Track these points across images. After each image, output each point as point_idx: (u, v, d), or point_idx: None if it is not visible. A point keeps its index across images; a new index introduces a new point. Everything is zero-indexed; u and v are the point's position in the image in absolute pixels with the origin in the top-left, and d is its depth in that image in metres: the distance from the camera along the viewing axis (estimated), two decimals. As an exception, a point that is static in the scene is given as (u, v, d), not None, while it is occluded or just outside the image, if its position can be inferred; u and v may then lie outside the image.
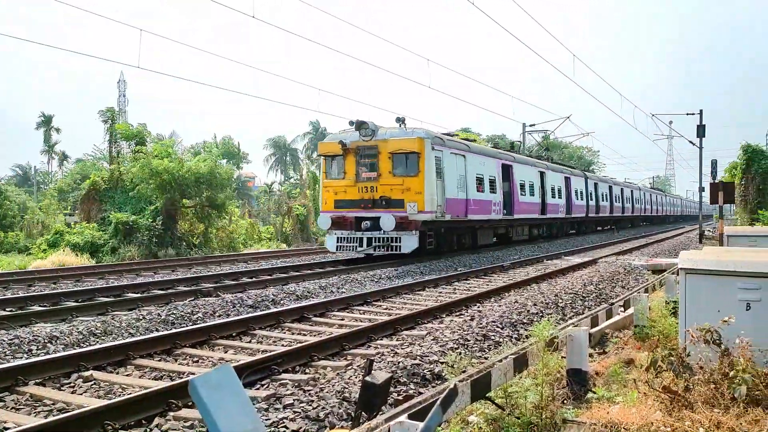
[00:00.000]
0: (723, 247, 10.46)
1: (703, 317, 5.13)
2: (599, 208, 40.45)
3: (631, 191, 53.21)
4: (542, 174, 30.01)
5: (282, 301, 12.22)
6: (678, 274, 5.76)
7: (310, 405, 5.72)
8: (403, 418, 3.44)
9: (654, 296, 10.80)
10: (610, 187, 44.58)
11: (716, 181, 25.73)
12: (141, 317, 10.15)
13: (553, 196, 31.16)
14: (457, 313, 10.97)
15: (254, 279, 15.81)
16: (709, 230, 39.68)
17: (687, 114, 37.02)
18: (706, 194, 27.19)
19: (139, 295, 12.97)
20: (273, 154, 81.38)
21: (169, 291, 13.47)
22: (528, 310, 10.73)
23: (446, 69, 64.40)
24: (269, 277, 15.98)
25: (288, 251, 27.05)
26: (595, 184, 40.27)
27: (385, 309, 11.63)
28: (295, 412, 5.56)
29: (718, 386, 4.51)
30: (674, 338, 6.70)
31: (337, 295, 12.93)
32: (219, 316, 10.67)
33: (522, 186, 27.05)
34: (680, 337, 5.49)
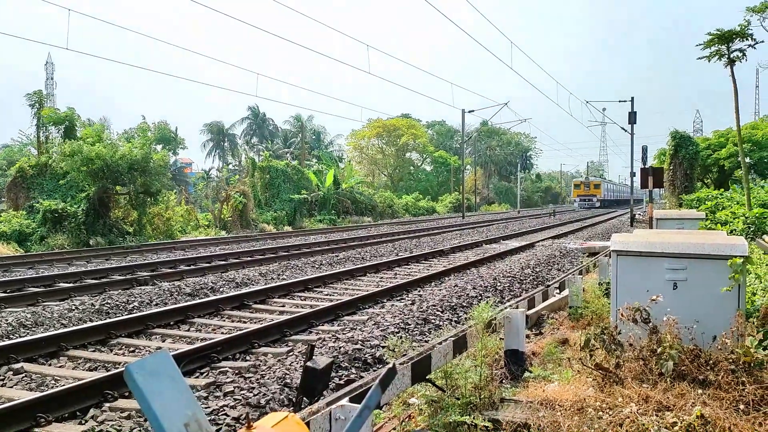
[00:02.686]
0: (652, 230, 10.92)
1: (634, 297, 5.34)
2: (614, 195, 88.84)
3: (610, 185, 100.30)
4: (613, 185, 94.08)
5: (221, 289, 12.03)
6: (610, 257, 5.98)
7: (251, 392, 5.66)
8: (345, 401, 3.45)
9: (588, 278, 11.19)
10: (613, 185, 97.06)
11: (646, 167, 26.79)
12: (74, 307, 9.79)
13: (610, 192, 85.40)
14: (398, 298, 11.07)
15: (192, 267, 15.46)
16: (639, 214, 41.41)
17: (619, 101, 38.39)
18: (638, 179, 28.28)
19: (71, 284, 12.48)
20: (210, 140, 79.54)
21: (103, 280, 13.02)
22: (467, 294, 10.93)
23: (385, 55, 64.31)
24: (208, 265, 15.66)
25: (227, 238, 26.57)
26: (613, 186, 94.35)
27: (327, 295, 11.62)
28: (235, 399, 5.50)
29: (647, 362, 4.71)
30: (607, 318, 6.96)
31: (278, 281, 12.81)
32: (156, 304, 10.40)
33: (611, 191, 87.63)
34: (612, 316, 5.70)
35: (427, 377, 4.75)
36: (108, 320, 8.59)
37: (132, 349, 7.73)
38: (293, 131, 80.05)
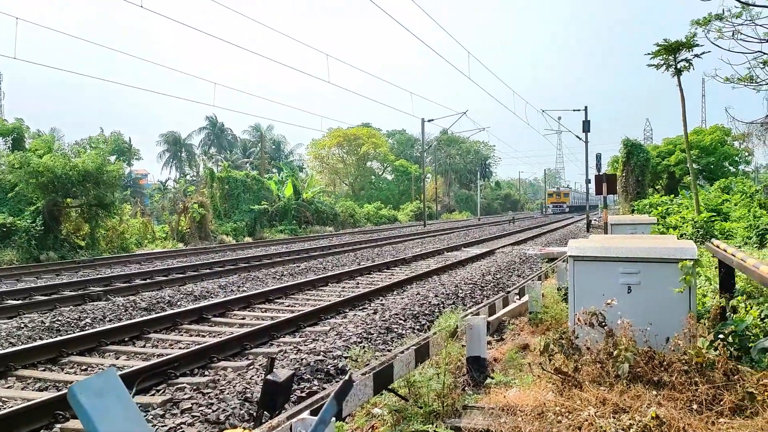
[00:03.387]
0: (607, 235, 11.14)
1: (591, 301, 5.44)
2: (579, 202, 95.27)
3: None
4: (578, 194, 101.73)
5: (179, 302, 11.78)
6: (567, 262, 6.07)
7: (210, 408, 5.54)
8: (305, 414, 3.40)
9: (547, 283, 11.35)
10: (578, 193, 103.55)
11: (600, 174, 27.43)
12: (23, 325, 9.45)
13: (575, 199, 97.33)
14: (361, 308, 11.02)
15: (148, 280, 15.10)
16: (595, 220, 42.38)
17: (574, 110, 39.20)
18: (593, 186, 28.91)
19: (20, 301, 12.03)
20: (167, 150, 78.13)
21: (54, 296, 12.58)
22: (429, 302, 10.96)
23: (346, 65, 64.45)
24: (165, 278, 15.33)
25: (185, 250, 26.08)
26: (578, 194, 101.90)
27: (288, 306, 11.49)
28: (193, 416, 5.37)
29: (604, 365, 4.79)
30: (565, 322, 7.06)
31: (238, 293, 12.62)
32: (110, 320, 10.12)
33: (577, 198, 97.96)
34: (570, 320, 5.78)
35: (389, 387, 4.73)
36: (59, 338, 8.30)
37: (84, 367, 7.48)
38: (252, 141, 79.38)
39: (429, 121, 49.22)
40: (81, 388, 1.43)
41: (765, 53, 15.22)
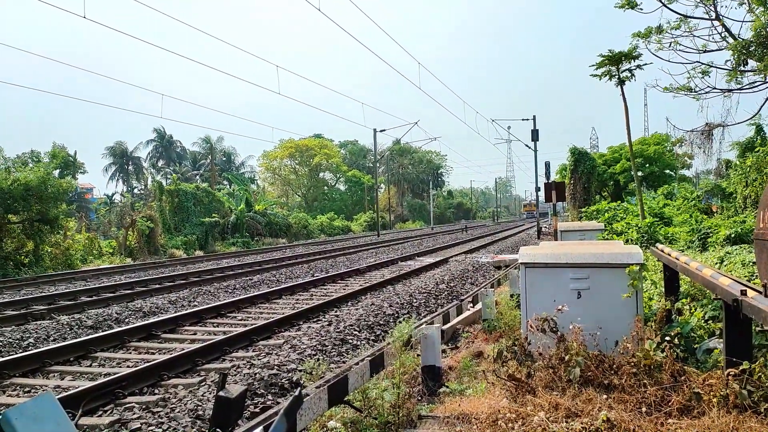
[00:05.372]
0: (557, 242, 11.38)
1: (543, 307, 5.52)
2: (542, 209, 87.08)
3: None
4: (536, 204, 74.11)
5: (127, 320, 11.43)
6: (519, 269, 6.16)
7: (160, 427, 5.38)
8: (259, 430, 3.33)
9: (500, 291, 11.51)
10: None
11: (549, 182, 28.03)
12: (-42, 348, 8.97)
13: (542, 207, 78.26)
14: (315, 320, 10.92)
15: (95, 297, 14.60)
16: (545, 227, 43.27)
17: (522, 119, 39.99)
18: (542, 194, 29.51)
19: (-45, 323, 11.44)
20: (113, 163, 76.07)
21: (-7, 316, 12.03)
22: (384, 312, 10.95)
23: (296, 76, 64.27)
24: (112, 295, 14.85)
25: (133, 266, 25.36)
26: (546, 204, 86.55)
27: (241, 320, 11.29)
28: (142, 437, 5.20)
29: (557, 370, 4.87)
30: (518, 329, 7.15)
31: (189, 308, 12.33)
32: (54, 340, 9.73)
33: (545, 207, 71.57)
34: (522, 327, 5.86)
35: (345, 399, 4.68)
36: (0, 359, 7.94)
37: (27, 389, 7.16)
38: (202, 153, 78.11)
39: (381, 131, 49.52)
40: (16, 414, 1.35)
41: (702, 63, 15.90)
